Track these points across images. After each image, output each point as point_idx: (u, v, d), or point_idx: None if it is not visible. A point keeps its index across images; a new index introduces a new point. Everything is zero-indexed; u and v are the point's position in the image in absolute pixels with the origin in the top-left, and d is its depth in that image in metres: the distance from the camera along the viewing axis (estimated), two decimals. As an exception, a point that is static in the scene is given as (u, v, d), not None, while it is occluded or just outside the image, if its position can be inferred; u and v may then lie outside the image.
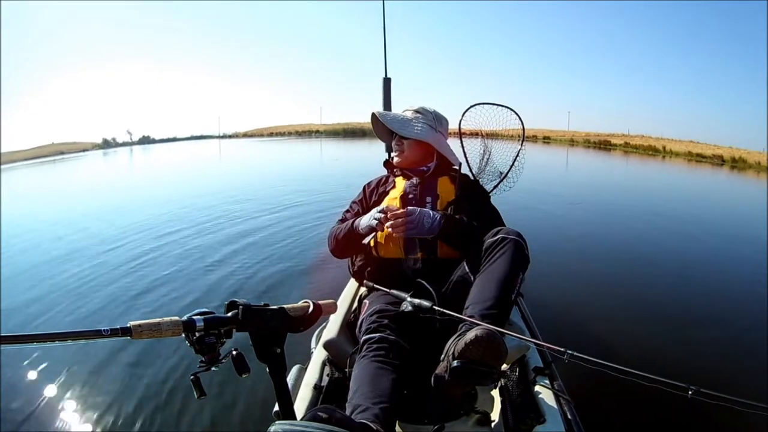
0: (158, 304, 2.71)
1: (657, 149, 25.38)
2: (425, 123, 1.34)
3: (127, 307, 2.68)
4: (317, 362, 1.20)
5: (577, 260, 3.64)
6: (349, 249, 1.34)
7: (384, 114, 1.40)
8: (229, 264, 3.41)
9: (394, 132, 1.36)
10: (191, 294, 2.84)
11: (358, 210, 1.38)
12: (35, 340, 0.49)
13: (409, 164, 1.35)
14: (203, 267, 3.36)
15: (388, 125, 1.35)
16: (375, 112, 1.39)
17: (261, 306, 0.69)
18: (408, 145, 1.34)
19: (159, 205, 6.12)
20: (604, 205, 6.31)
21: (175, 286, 2.99)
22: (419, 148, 1.34)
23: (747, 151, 20.83)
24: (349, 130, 39.59)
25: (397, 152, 1.37)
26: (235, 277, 3.12)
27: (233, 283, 3.01)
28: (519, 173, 1.48)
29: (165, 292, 2.90)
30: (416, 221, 1.14)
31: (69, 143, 15.14)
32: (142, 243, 4.18)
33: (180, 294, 2.85)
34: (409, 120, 1.35)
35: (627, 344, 2.18)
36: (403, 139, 1.34)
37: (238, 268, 3.29)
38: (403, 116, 1.37)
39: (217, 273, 3.22)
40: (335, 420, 0.70)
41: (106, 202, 6.88)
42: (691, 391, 0.64)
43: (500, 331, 0.86)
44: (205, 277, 3.15)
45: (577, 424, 0.98)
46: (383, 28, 2.06)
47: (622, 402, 1.64)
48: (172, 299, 2.77)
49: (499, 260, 1.03)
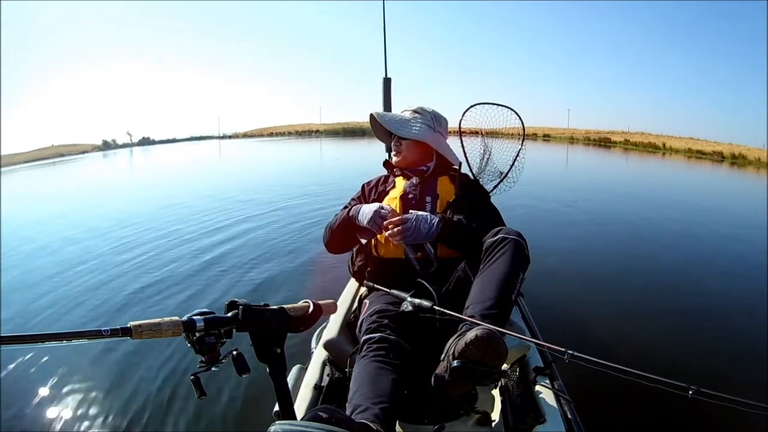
0: (158, 304, 2.72)
1: (657, 146, 25.36)
2: (423, 123, 1.34)
3: (127, 307, 2.68)
4: (317, 362, 1.20)
5: (577, 260, 3.64)
6: (346, 241, 1.32)
7: (382, 115, 1.39)
8: (230, 264, 3.42)
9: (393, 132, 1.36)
10: (191, 294, 2.84)
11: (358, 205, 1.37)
12: (35, 340, 0.49)
13: (409, 164, 1.35)
14: (203, 267, 3.37)
15: (386, 126, 1.35)
16: (373, 113, 1.39)
17: (261, 306, 0.69)
18: (407, 146, 1.33)
19: (158, 205, 6.12)
20: (604, 204, 6.31)
21: (175, 286, 2.99)
22: (418, 148, 1.34)
23: (747, 147, 20.82)
24: (349, 129, 39.58)
25: (395, 153, 1.37)
26: (235, 277, 3.13)
27: (233, 283, 3.01)
28: (519, 173, 1.48)
29: (165, 291, 2.90)
30: (412, 229, 1.13)
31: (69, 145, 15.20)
32: (142, 243, 4.19)
33: (180, 294, 2.85)
34: (407, 120, 1.35)
35: (627, 344, 2.17)
36: (401, 139, 1.34)
37: (239, 268, 3.30)
38: (402, 117, 1.37)
39: (218, 273, 3.22)
40: (335, 420, 0.70)
41: (106, 202, 6.89)
42: (691, 390, 0.64)
43: (500, 330, 0.86)
44: (206, 277, 3.15)
45: (578, 424, 0.98)
46: (383, 29, 2.06)
47: (622, 402, 1.64)
48: (172, 299, 2.77)
49: (500, 260, 1.03)
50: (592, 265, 3.52)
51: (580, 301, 2.75)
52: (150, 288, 2.98)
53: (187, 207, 5.87)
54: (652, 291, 2.98)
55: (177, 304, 2.69)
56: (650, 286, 3.09)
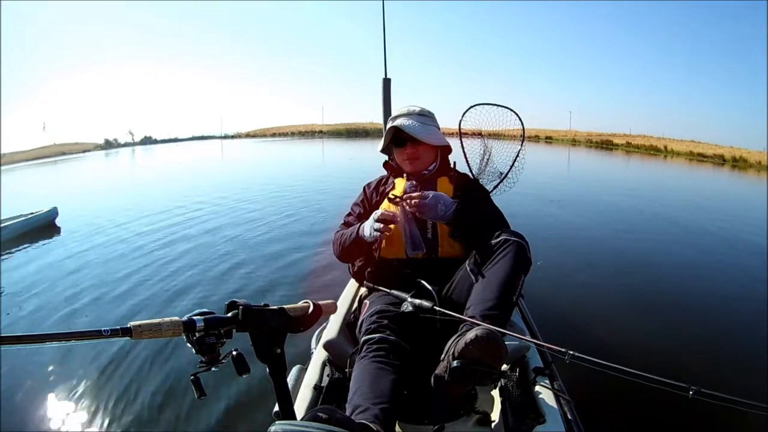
0: (158, 304, 2.72)
1: (659, 149, 25.38)
2: (435, 125, 1.36)
3: (127, 307, 2.68)
4: (317, 362, 1.20)
5: (577, 260, 3.64)
6: (357, 254, 1.33)
7: (407, 126, 1.31)
8: (230, 264, 3.42)
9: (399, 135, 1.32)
10: (191, 294, 2.84)
11: (359, 212, 1.37)
12: (35, 340, 0.49)
13: (422, 168, 1.34)
14: (203, 267, 3.37)
15: (417, 136, 1.29)
16: (398, 125, 1.32)
17: (261, 306, 0.69)
18: (424, 151, 1.33)
19: (158, 205, 6.12)
20: (604, 205, 6.30)
21: (175, 286, 2.99)
22: (430, 151, 1.34)
23: (748, 150, 20.83)
24: (352, 130, 39.56)
25: (411, 158, 1.33)
26: (235, 277, 3.13)
27: (233, 283, 3.02)
28: (519, 173, 1.47)
29: (164, 291, 2.90)
30: (430, 205, 1.13)
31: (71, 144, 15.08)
32: (142, 243, 4.19)
33: (180, 294, 2.85)
34: (426, 126, 1.33)
35: (626, 344, 2.17)
36: (417, 144, 1.31)
37: (239, 268, 3.30)
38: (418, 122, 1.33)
39: (218, 273, 3.22)
40: (335, 420, 0.70)
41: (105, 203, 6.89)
42: (691, 391, 0.64)
43: (500, 331, 0.86)
44: (206, 277, 3.16)
45: (577, 424, 0.98)
46: (383, 29, 2.06)
47: (622, 402, 1.64)
48: (172, 299, 2.77)
49: (502, 262, 1.03)
50: (591, 266, 3.52)
51: (580, 302, 2.75)
52: (149, 288, 2.98)
53: (187, 207, 5.88)
54: (652, 291, 2.98)
55: (177, 304, 2.69)
56: (650, 286, 3.09)
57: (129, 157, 25.10)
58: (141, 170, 16.07)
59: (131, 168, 16.38)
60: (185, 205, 5.98)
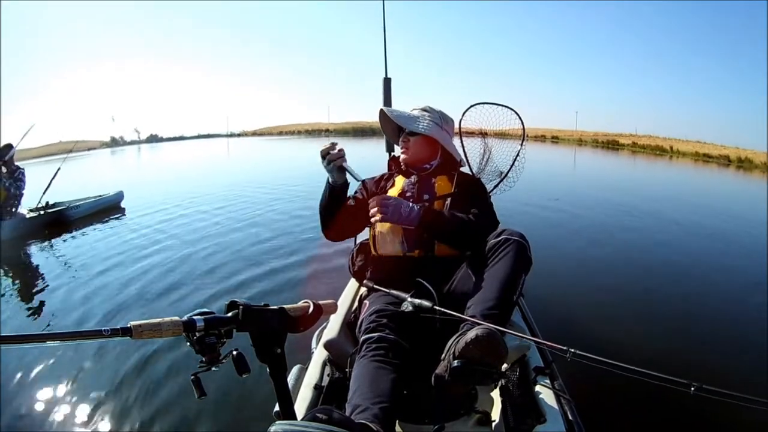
0: (158, 304, 2.72)
1: (664, 149, 25.28)
2: (431, 120, 1.36)
3: (126, 307, 2.69)
4: (317, 362, 1.20)
5: (577, 260, 3.63)
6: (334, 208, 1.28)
7: (392, 110, 1.41)
8: (230, 264, 3.42)
9: (401, 128, 1.37)
10: (191, 294, 2.84)
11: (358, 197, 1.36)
12: (35, 340, 0.49)
13: (415, 161, 1.36)
14: (203, 267, 3.37)
15: (396, 120, 1.37)
16: (383, 108, 1.40)
17: (261, 306, 0.69)
18: (414, 142, 1.35)
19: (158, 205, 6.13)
20: (604, 204, 6.28)
21: (174, 286, 3.00)
22: (425, 144, 1.35)
23: (753, 151, 20.70)
24: (359, 129, 39.45)
25: (403, 149, 1.38)
26: (235, 277, 3.13)
27: (233, 283, 3.02)
28: (519, 173, 1.48)
29: (164, 291, 2.90)
30: (391, 207, 1.13)
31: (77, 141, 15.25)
32: (142, 243, 4.20)
33: (180, 294, 2.85)
34: (416, 117, 1.37)
35: (627, 343, 2.16)
36: (409, 136, 1.35)
37: (239, 269, 3.30)
38: (410, 113, 1.40)
39: (218, 273, 3.22)
40: (335, 420, 0.70)
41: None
42: (693, 387, 0.64)
43: (501, 330, 0.86)
44: (206, 277, 3.16)
45: (578, 423, 0.98)
46: (383, 28, 2.06)
47: (623, 401, 1.64)
48: (172, 299, 2.77)
49: (502, 261, 1.03)
50: (591, 265, 3.51)
51: (579, 301, 2.74)
52: (149, 288, 2.98)
53: (187, 207, 5.88)
54: (652, 290, 2.97)
55: (177, 304, 2.69)
56: (650, 285, 3.07)
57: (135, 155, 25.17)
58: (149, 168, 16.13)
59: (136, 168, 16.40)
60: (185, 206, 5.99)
